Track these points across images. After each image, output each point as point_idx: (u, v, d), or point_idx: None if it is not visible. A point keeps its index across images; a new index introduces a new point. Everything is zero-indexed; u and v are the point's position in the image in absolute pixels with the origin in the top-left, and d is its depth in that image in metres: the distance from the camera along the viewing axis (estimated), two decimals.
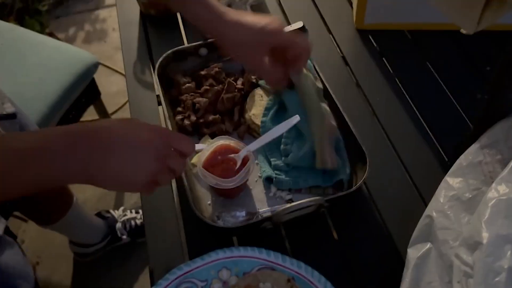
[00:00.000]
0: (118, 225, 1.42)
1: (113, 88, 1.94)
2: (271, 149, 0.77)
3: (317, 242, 0.70)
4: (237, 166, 0.69)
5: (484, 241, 0.50)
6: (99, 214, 1.44)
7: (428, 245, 0.62)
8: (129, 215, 1.47)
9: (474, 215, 0.55)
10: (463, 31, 0.66)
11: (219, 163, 0.70)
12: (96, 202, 1.60)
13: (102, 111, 1.64)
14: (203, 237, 0.70)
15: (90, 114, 1.76)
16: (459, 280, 0.51)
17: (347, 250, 0.69)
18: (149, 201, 0.73)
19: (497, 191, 0.54)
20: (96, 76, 1.44)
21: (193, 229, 0.71)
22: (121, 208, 1.50)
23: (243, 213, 0.70)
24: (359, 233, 0.71)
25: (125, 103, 1.91)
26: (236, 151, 0.71)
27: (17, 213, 1.27)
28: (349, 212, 0.73)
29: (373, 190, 0.75)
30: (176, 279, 0.62)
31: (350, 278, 0.67)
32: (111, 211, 1.46)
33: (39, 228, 1.59)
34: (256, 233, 0.68)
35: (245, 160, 0.70)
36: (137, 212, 1.47)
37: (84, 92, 1.39)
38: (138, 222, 1.45)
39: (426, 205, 0.65)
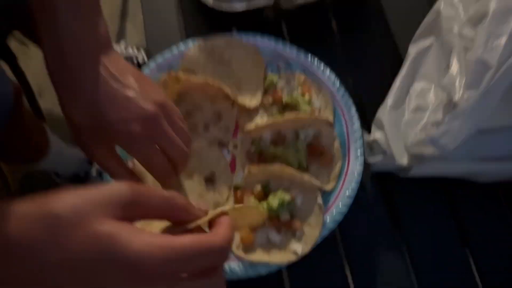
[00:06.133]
0: None
1: None
2: None
3: (318, 39, 0.68)
4: None
5: (491, 9, 0.48)
6: None
7: (431, 39, 0.61)
8: (131, 52, 1.45)
9: None
10: None
11: None
12: None
13: None
14: (202, 23, 0.69)
15: None
16: (457, 54, 0.51)
17: (348, 47, 0.69)
18: None
19: None
20: None
21: (191, 14, 0.69)
22: (123, 43, 1.48)
23: (243, 4, 0.68)
24: (362, 31, 0.70)
25: None
26: None
27: (17, 35, 1.25)
28: (353, 12, 0.71)
29: None
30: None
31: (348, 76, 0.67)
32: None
33: (41, 61, 1.60)
34: (257, 23, 0.66)
35: None
36: (138, 50, 1.45)
37: None
38: (140, 60, 1.44)
39: None
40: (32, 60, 1.60)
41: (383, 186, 0.62)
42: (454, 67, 0.50)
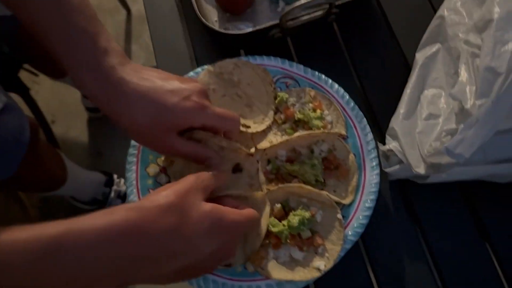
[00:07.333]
0: None
1: None
2: None
3: (325, 53, 0.69)
4: None
5: (495, 16, 0.49)
6: None
7: (437, 46, 0.61)
8: None
9: (486, 1, 0.53)
10: None
11: None
12: None
13: None
14: (210, 47, 0.70)
15: None
16: (465, 62, 0.52)
17: (356, 59, 0.69)
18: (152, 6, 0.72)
19: None
20: None
21: (199, 39, 0.70)
22: None
23: (250, 28, 0.69)
24: (368, 43, 0.70)
25: None
26: None
27: (27, 66, 1.27)
28: (358, 24, 0.71)
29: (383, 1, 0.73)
30: None
31: (358, 88, 0.68)
32: None
33: (51, 88, 1.63)
34: (263, 44, 0.67)
35: None
36: None
37: None
38: None
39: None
40: (41, 86, 1.63)
41: (403, 193, 0.62)
42: (463, 75, 0.51)
